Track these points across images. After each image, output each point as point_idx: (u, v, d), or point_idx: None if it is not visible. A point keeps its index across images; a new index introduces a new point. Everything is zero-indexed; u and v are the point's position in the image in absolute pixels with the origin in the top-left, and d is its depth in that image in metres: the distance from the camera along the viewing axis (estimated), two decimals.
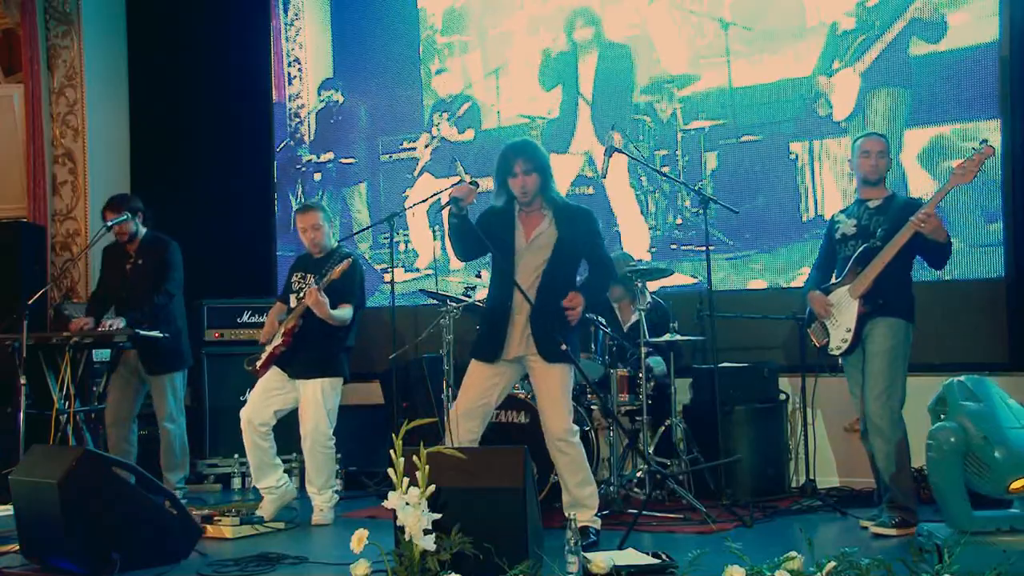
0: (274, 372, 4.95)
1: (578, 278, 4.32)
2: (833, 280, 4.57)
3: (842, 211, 4.69)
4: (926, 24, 5.63)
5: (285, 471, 5.07)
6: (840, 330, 4.45)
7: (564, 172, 6.47)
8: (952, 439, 3.62)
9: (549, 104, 6.63)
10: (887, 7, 5.73)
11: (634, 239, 6.23)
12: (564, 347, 4.05)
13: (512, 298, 4.18)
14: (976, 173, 4.19)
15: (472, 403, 4.22)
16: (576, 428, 4.23)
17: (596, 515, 4.25)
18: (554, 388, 4.15)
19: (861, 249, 4.43)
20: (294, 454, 5.85)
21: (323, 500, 4.93)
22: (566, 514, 4.08)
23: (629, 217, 6.34)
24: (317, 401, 4.87)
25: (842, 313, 4.45)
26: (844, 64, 5.83)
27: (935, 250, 4.36)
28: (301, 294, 4.96)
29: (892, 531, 4.22)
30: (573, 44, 6.56)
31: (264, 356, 4.95)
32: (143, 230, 5.57)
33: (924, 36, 5.63)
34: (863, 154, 4.50)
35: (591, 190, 6.45)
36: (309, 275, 5.01)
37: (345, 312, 4.91)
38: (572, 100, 6.56)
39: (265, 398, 4.91)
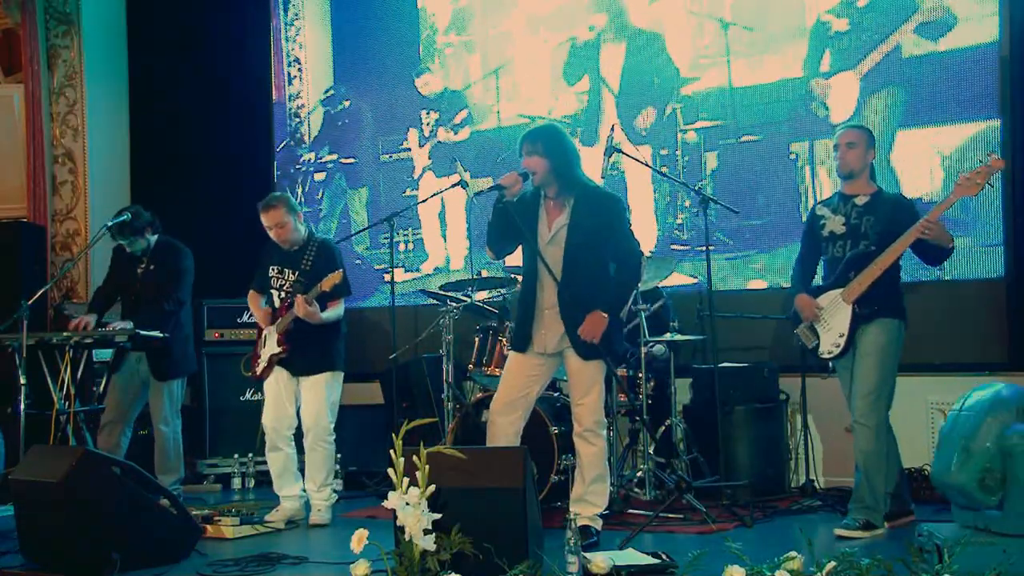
0: (278, 372, 4.93)
1: None
2: (821, 281, 4.53)
3: (825, 203, 4.58)
4: (927, 25, 5.62)
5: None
6: (832, 335, 4.38)
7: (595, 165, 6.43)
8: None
9: (549, 103, 6.63)
10: (884, 5, 5.73)
11: (640, 237, 6.21)
12: (594, 341, 4.04)
13: (537, 290, 4.17)
14: (982, 186, 4.10)
15: (511, 395, 4.21)
16: (606, 422, 4.25)
17: (599, 515, 4.24)
18: (588, 382, 4.15)
19: (853, 253, 4.35)
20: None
21: (321, 499, 4.91)
22: (571, 509, 4.08)
23: (642, 215, 6.33)
24: (319, 395, 4.87)
25: (834, 317, 4.38)
26: (844, 66, 5.82)
27: (936, 252, 4.32)
28: (283, 294, 4.92)
29: (858, 533, 4.18)
30: (597, 35, 6.51)
31: (264, 364, 4.94)
32: (153, 239, 5.54)
33: (924, 35, 5.62)
34: (834, 148, 4.45)
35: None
36: (287, 270, 4.96)
37: (337, 311, 4.91)
38: (596, 92, 6.52)
39: (283, 403, 4.90)
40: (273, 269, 5.02)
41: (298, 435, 4.98)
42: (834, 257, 4.44)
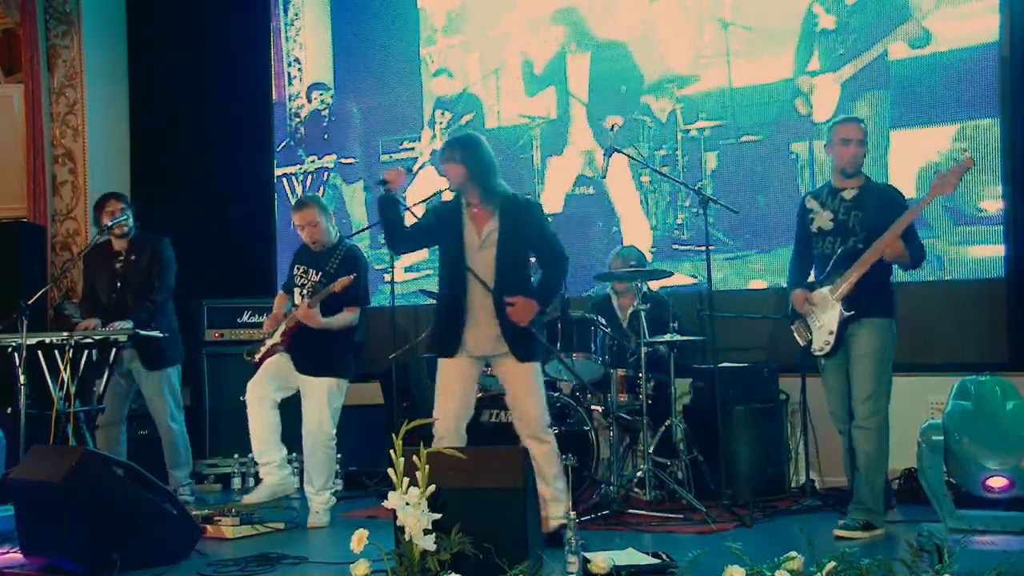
0: (281, 356, 4.92)
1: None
2: (813, 277, 4.51)
3: (814, 195, 4.50)
4: (922, 27, 5.64)
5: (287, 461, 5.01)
6: (823, 332, 4.37)
7: (563, 173, 6.49)
8: (934, 437, 3.63)
9: (548, 104, 6.63)
10: (879, 5, 5.74)
11: (636, 238, 6.23)
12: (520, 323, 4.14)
13: (467, 294, 4.21)
14: (956, 185, 4.08)
15: (459, 407, 4.23)
16: (549, 419, 4.30)
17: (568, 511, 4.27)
18: (530, 384, 4.22)
19: (842, 250, 4.31)
20: (294, 453, 5.83)
21: (320, 502, 4.89)
22: (544, 512, 4.06)
23: (631, 216, 6.35)
24: (322, 400, 4.83)
25: (824, 314, 4.36)
26: (839, 64, 5.83)
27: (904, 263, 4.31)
28: (304, 291, 4.93)
29: (858, 533, 4.15)
30: (562, 45, 6.58)
31: (263, 351, 4.95)
32: (134, 232, 5.57)
33: (914, 43, 5.63)
34: (842, 142, 4.31)
35: (591, 189, 6.46)
36: (311, 270, 4.95)
37: (351, 317, 4.88)
38: (565, 101, 6.57)
39: (273, 374, 4.88)
40: (298, 268, 5.02)
41: (297, 438, 4.93)
42: (824, 254, 4.42)
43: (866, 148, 4.37)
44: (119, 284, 5.49)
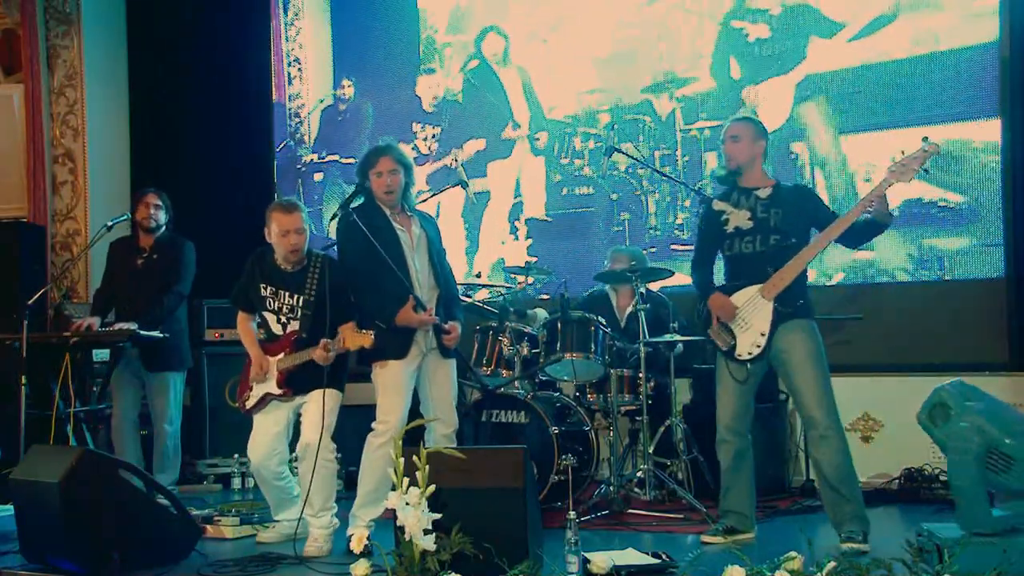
0: (273, 408, 4.45)
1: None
2: (724, 279, 4.28)
3: (720, 199, 4.26)
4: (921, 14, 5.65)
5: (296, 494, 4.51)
6: (752, 334, 4.08)
7: (536, 179, 6.53)
8: (976, 439, 3.54)
9: (550, 103, 6.64)
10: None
11: (636, 238, 6.24)
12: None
13: (416, 294, 4.26)
14: (916, 172, 3.81)
15: (406, 408, 4.27)
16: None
17: None
18: (451, 382, 4.37)
19: (773, 247, 4.06)
20: (294, 454, 5.80)
21: (320, 526, 4.29)
22: None
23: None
24: (319, 412, 4.27)
25: (753, 315, 4.08)
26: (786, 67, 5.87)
27: (870, 230, 4.06)
28: (283, 319, 4.44)
29: (865, 545, 3.88)
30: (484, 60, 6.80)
31: (255, 399, 4.43)
32: (163, 230, 5.58)
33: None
34: (720, 142, 4.28)
35: (590, 189, 6.47)
36: (284, 292, 4.44)
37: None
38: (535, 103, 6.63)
39: (272, 440, 4.40)
40: (266, 288, 4.49)
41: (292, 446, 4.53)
42: (741, 253, 4.15)
43: (745, 144, 4.17)
44: (135, 280, 5.48)
